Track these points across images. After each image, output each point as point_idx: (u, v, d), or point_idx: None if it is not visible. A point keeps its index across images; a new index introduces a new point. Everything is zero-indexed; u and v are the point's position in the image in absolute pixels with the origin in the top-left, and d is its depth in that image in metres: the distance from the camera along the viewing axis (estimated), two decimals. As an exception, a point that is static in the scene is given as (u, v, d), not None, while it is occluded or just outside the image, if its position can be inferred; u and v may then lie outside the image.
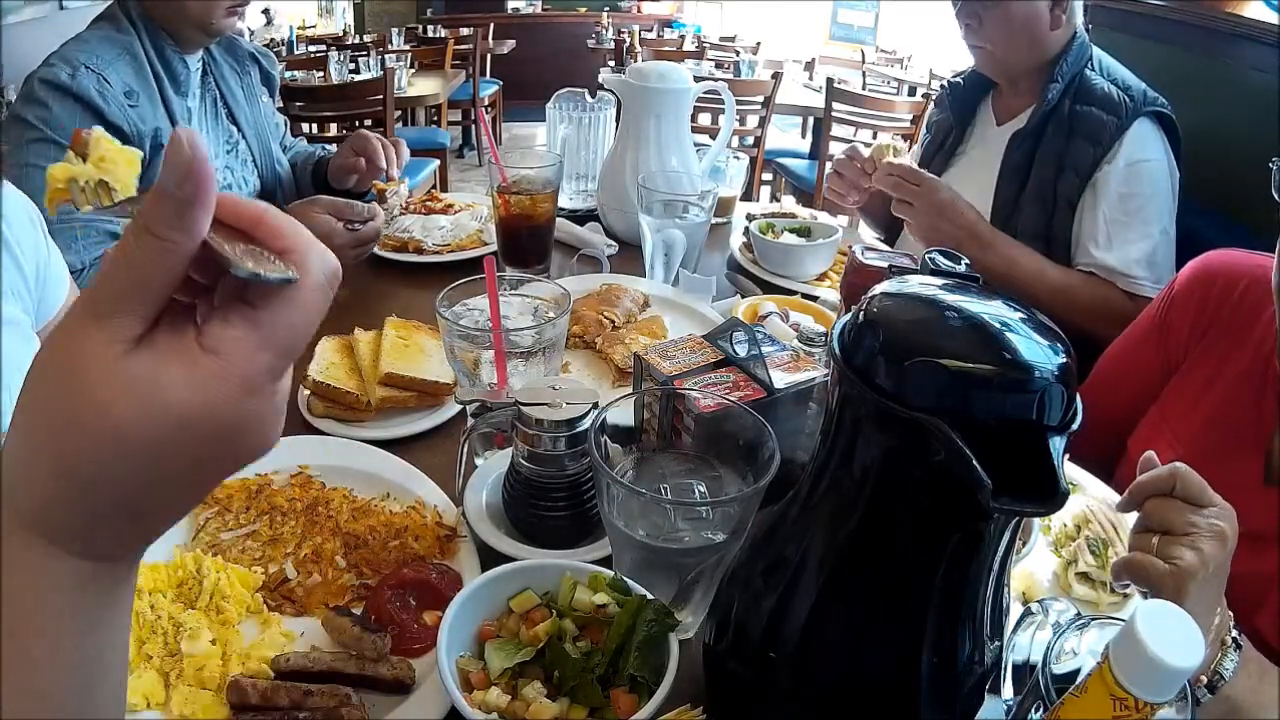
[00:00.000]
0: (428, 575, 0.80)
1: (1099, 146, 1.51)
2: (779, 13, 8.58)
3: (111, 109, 1.35)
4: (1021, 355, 0.47)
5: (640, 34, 7.33)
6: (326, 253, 0.40)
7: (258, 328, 0.37)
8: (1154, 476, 0.75)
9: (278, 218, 0.39)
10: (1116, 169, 1.50)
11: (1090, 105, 1.53)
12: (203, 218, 0.36)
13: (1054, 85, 1.55)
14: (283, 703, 0.67)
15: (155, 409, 0.36)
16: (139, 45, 1.45)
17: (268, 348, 0.37)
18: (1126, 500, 0.78)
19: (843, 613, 0.57)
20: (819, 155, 4.40)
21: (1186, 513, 0.72)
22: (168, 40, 1.48)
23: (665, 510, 0.73)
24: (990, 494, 0.43)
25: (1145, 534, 0.74)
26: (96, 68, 1.35)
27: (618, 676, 0.65)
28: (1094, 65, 1.58)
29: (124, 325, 0.36)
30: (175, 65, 1.50)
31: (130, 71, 1.41)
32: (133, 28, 1.45)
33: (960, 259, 0.62)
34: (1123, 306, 1.44)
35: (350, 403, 1.07)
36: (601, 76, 1.69)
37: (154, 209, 0.35)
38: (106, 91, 1.35)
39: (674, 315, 1.34)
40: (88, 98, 1.32)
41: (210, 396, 0.36)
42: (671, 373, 0.90)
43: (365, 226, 1.41)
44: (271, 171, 1.76)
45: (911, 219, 1.51)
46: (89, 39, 1.41)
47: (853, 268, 1.15)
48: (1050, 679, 0.56)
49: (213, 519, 0.87)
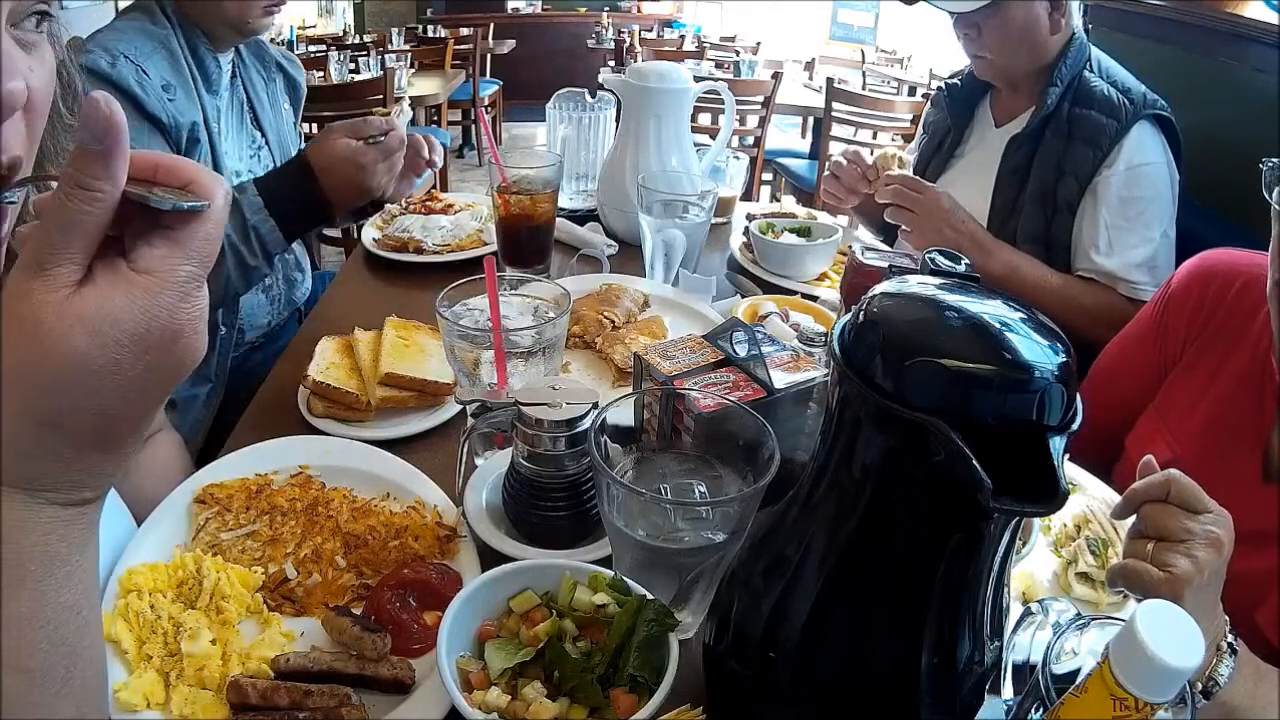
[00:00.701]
0: (428, 575, 0.80)
1: (1098, 151, 1.51)
2: (779, 13, 8.57)
3: (150, 99, 1.35)
4: (1021, 355, 0.47)
5: (640, 34, 7.33)
6: (218, 177, 0.46)
7: (180, 245, 0.44)
8: (1149, 483, 0.75)
9: (173, 160, 0.46)
10: (1117, 173, 1.50)
11: (1089, 109, 1.53)
12: (123, 167, 0.42)
13: (1053, 89, 1.54)
14: (283, 703, 0.67)
15: (108, 332, 0.42)
16: (174, 40, 1.45)
17: (191, 259, 0.44)
18: (1122, 506, 0.78)
19: (843, 613, 0.57)
20: (819, 155, 4.40)
21: (1182, 519, 0.72)
22: (201, 37, 1.49)
23: (665, 510, 0.73)
24: (990, 494, 0.43)
25: (1140, 540, 0.74)
26: (135, 59, 1.35)
27: (618, 676, 0.65)
28: (1093, 67, 1.58)
29: (66, 273, 0.42)
30: (208, 63, 1.50)
31: (166, 65, 1.42)
32: (167, 22, 1.45)
33: (960, 259, 0.62)
34: (1124, 311, 1.44)
35: (350, 403, 1.07)
36: (601, 76, 1.69)
37: (81, 164, 0.41)
38: (145, 82, 1.35)
39: (674, 315, 1.34)
40: (126, 87, 1.32)
41: (152, 308, 0.43)
42: (671, 373, 0.90)
43: (386, 138, 1.38)
44: None
45: (912, 227, 1.50)
46: (124, 29, 1.41)
47: (853, 268, 1.15)
48: (1050, 679, 0.56)
49: (213, 519, 0.87)
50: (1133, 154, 1.49)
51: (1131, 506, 0.76)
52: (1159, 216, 1.51)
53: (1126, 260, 1.49)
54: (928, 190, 1.49)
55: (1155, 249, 1.49)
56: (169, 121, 1.38)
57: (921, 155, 1.88)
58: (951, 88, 1.81)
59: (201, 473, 0.92)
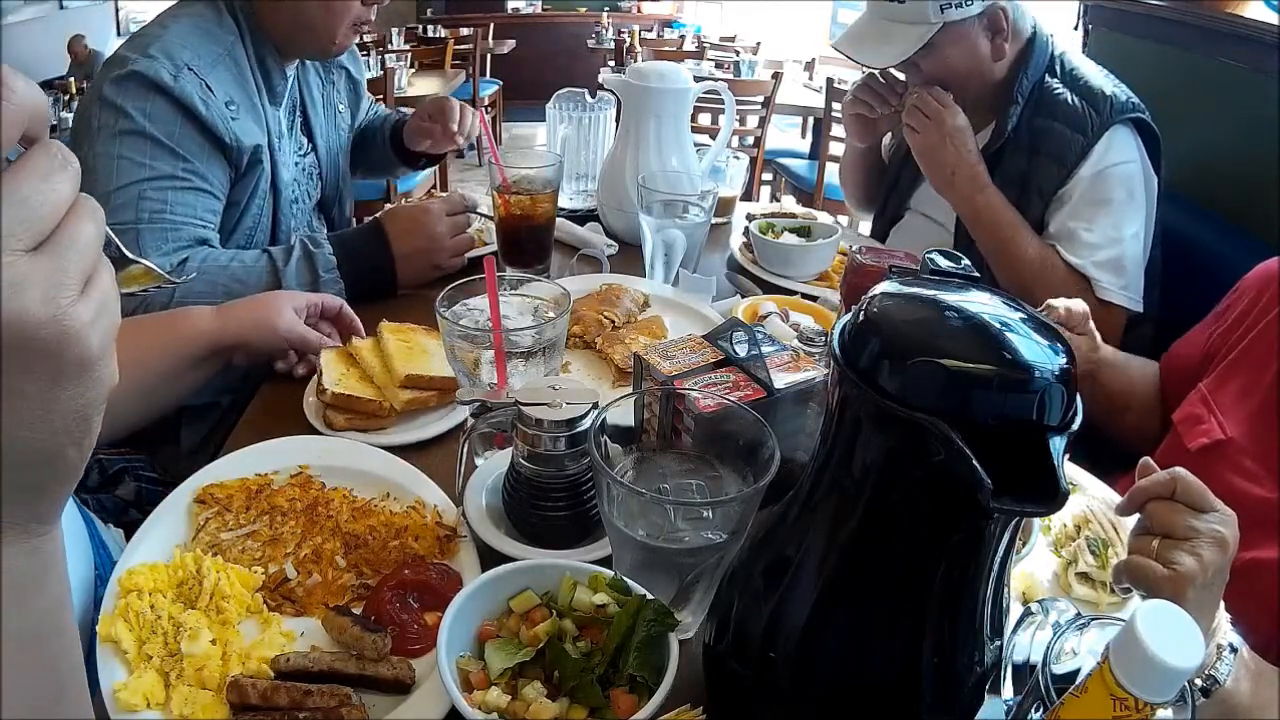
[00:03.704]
0: (428, 575, 0.80)
1: (1063, 167, 1.48)
2: (779, 13, 8.56)
3: (212, 115, 1.29)
4: (1021, 355, 0.47)
5: (640, 34, 7.32)
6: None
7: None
8: (1155, 480, 0.76)
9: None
10: (1082, 177, 1.47)
11: (1053, 119, 1.49)
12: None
13: (1014, 108, 1.52)
14: (283, 703, 0.67)
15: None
16: (241, 49, 1.37)
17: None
18: (1126, 503, 0.78)
19: (843, 612, 0.57)
20: (819, 155, 4.39)
21: (1188, 517, 0.72)
22: (270, 49, 1.42)
23: (665, 510, 0.73)
24: (990, 494, 0.43)
25: (1145, 537, 0.74)
26: (200, 71, 1.28)
27: (618, 676, 0.65)
28: (1056, 69, 1.54)
29: None
30: (274, 76, 1.43)
31: (231, 78, 1.34)
32: (235, 25, 1.37)
33: (960, 259, 0.62)
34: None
35: (373, 410, 1.05)
36: (601, 76, 1.69)
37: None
38: (210, 100, 1.29)
39: (674, 315, 1.34)
40: (190, 103, 1.26)
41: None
42: (671, 373, 0.90)
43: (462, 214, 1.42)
44: (335, 187, 1.72)
45: (921, 131, 1.51)
46: (189, 30, 1.32)
47: (853, 268, 1.16)
48: (1050, 679, 0.55)
49: (213, 519, 0.87)
50: (1101, 157, 1.46)
51: (1135, 504, 0.77)
52: (1130, 217, 1.47)
53: (1091, 258, 1.46)
54: (951, 106, 1.50)
55: (1123, 250, 1.46)
56: (231, 141, 1.32)
57: (892, 163, 1.87)
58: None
59: (201, 473, 0.92)
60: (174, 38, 1.30)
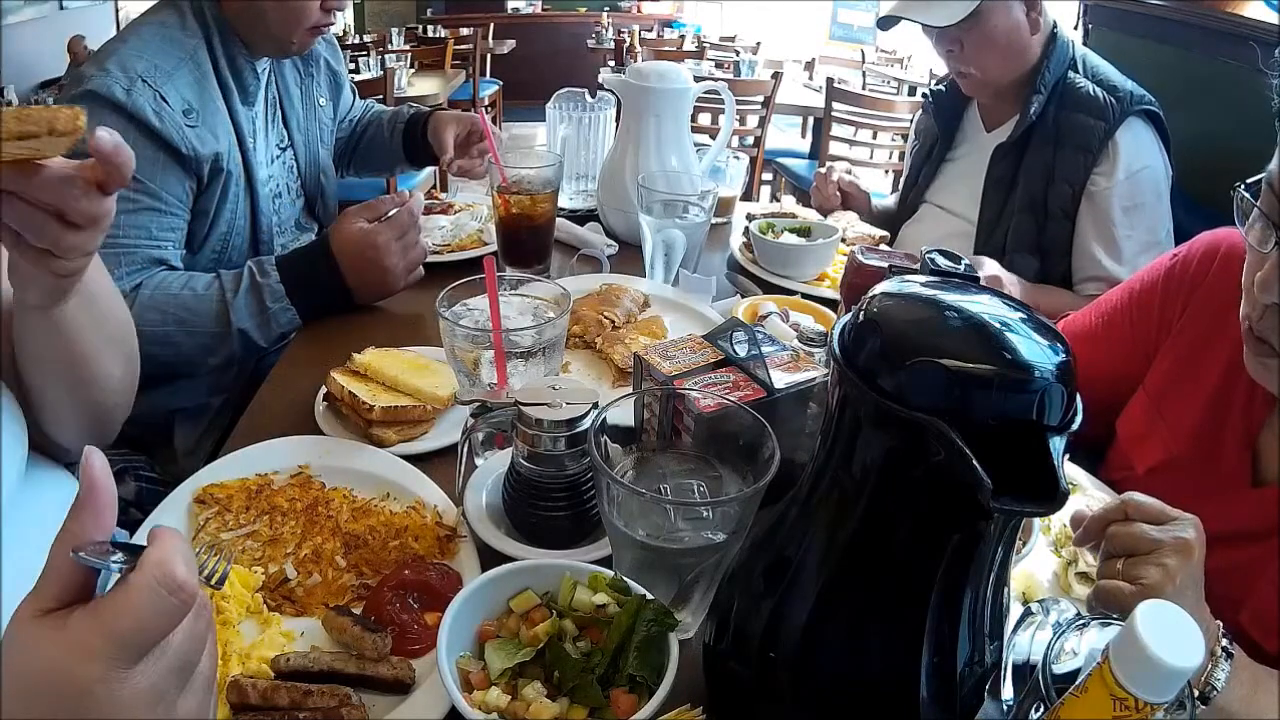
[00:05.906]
0: (428, 575, 0.80)
1: (1088, 154, 1.51)
2: (779, 13, 8.57)
3: (167, 127, 1.26)
4: (1021, 355, 0.47)
5: (640, 34, 7.33)
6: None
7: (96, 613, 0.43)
8: (1107, 508, 0.77)
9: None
10: (1118, 181, 1.50)
11: (1076, 111, 1.52)
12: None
13: (1038, 97, 1.54)
14: (283, 703, 0.67)
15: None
16: (205, 51, 1.35)
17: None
18: (1083, 535, 0.78)
19: (843, 612, 0.57)
20: (819, 155, 4.40)
21: (1147, 531, 0.73)
22: (241, 47, 1.40)
23: (665, 510, 0.73)
24: (990, 494, 0.43)
25: (1111, 560, 0.75)
26: (154, 82, 1.26)
27: (618, 676, 0.65)
28: (1078, 66, 1.57)
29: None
30: (246, 75, 1.41)
31: (190, 84, 1.31)
32: (202, 29, 1.35)
33: (960, 259, 0.62)
34: None
35: (419, 416, 1.03)
36: (601, 76, 1.69)
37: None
38: (164, 111, 1.26)
39: (674, 315, 1.34)
40: (142, 116, 1.24)
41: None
42: (671, 373, 0.90)
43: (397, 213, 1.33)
44: (315, 181, 1.70)
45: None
46: (148, 40, 1.30)
47: (853, 268, 1.15)
48: (1050, 679, 0.55)
49: (213, 519, 0.87)
50: (1130, 159, 1.49)
51: (1093, 534, 0.77)
52: (1162, 218, 1.52)
53: (1136, 266, 1.48)
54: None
55: (1161, 252, 1.49)
56: (188, 152, 1.29)
57: (914, 161, 1.88)
58: (937, 94, 1.81)
59: (201, 473, 0.92)
60: (131, 49, 1.28)
